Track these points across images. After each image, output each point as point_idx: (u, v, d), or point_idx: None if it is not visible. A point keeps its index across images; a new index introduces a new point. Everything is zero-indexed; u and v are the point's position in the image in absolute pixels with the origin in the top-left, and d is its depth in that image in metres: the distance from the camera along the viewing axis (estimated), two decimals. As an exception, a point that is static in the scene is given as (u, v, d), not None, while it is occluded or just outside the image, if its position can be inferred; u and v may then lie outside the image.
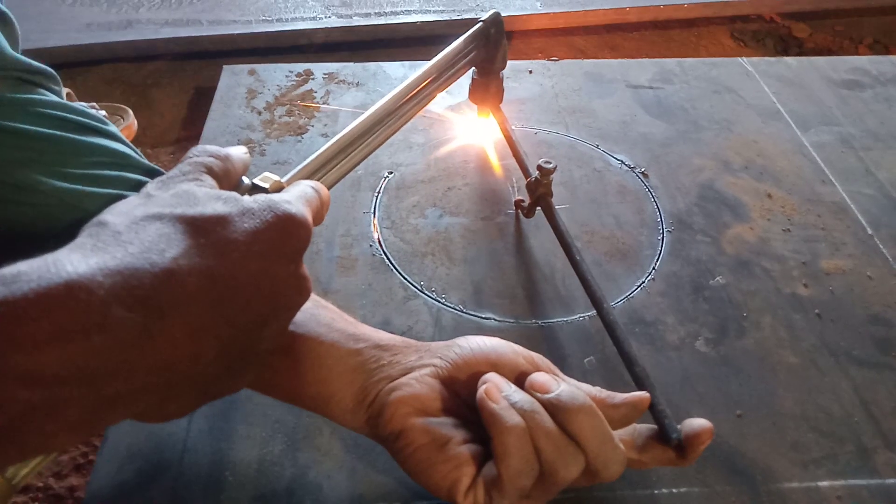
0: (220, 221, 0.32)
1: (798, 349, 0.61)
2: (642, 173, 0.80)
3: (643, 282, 0.67)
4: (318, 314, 0.47)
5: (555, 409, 0.40)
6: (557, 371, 0.46)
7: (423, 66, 0.60)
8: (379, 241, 0.70)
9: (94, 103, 0.94)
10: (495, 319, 0.63)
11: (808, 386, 0.58)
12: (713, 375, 0.59)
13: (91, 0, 1.20)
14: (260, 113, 0.87)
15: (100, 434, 0.41)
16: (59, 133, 0.45)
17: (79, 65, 1.09)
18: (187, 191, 0.33)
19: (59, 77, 0.50)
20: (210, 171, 0.38)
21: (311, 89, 0.92)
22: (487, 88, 0.74)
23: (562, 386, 0.41)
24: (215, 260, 0.31)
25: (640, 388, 0.48)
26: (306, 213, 0.36)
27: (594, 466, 0.41)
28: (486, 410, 0.40)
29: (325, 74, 0.95)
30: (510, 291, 0.65)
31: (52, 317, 0.26)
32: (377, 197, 0.76)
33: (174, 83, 1.08)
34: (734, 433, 0.55)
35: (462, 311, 0.63)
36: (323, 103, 0.90)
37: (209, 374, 0.32)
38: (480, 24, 0.67)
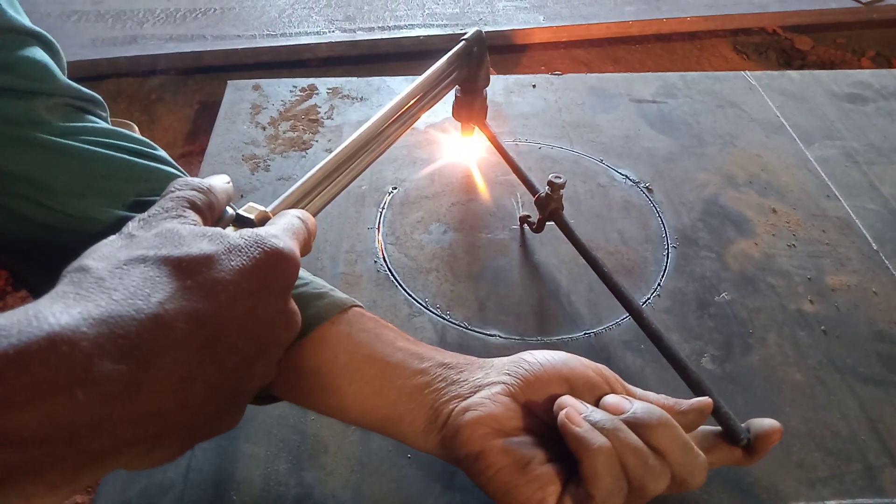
0: (206, 261, 0.31)
1: (804, 366, 0.61)
2: (647, 188, 0.80)
3: (648, 298, 0.67)
4: (382, 334, 0.46)
5: (634, 426, 0.40)
6: (624, 383, 0.46)
7: (407, 88, 0.60)
8: (383, 257, 0.70)
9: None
10: (500, 336, 0.63)
11: (813, 404, 0.58)
12: (719, 393, 0.58)
13: (96, 16, 1.20)
14: (264, 128, 0.88)
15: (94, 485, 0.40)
16: (115, 156, 0.45)
17: (83, 80, 1.09)
18: (171, 230, 0.32)
19: (105, 103, 0.50)
20: (193, 206, 0.37)
21: (316, 104, 0.92)
22: (472, 106, 0.74)
23: (635, 403, 0.42)
24: (203, 302, 0.30)
25: (698, 394, 0.49)
26: (294, 246, 0.35)
27: (680, 476, 0.41)
28: (570, 435, 0.39)
29: (329, 89, 0.95)
30: (515, 308, 0.65)
31: (34, 374, 0.24)
32: (381, 212, 0.76)
33: (178, 98, 1.08)
34: (740, 452, 0.54)
35: (467, 328, 0.63)
36: (327, 118, 0.90)
37: (197, 419, 0.31)
38: (463, 42, 0.67)
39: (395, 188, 0.79)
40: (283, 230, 0.37)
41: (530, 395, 0.43)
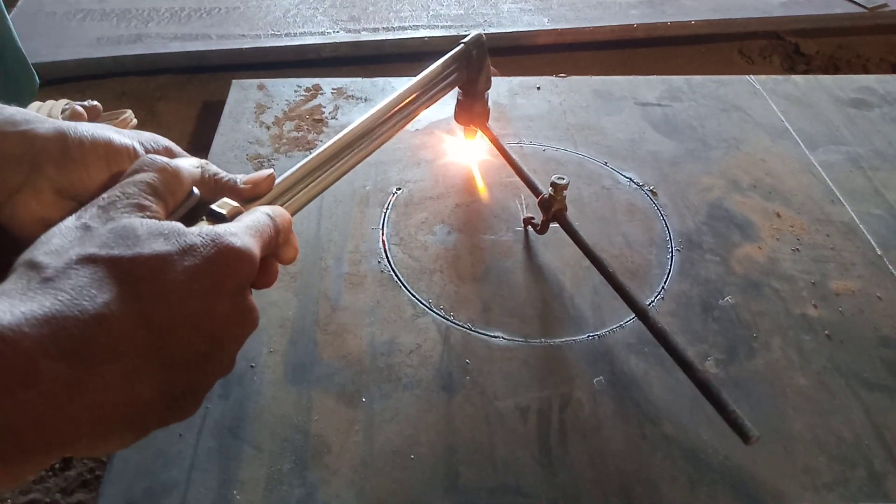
0: (157, 262, 0.30)
1: (808, 371, 0.61)
2: (651, 191, 0.80)
3: (652, 301, 0.67)
4: None
5: None
6: None
7: (401, 89, 0.59)
8: (387, 258, 0.70)
9: (95, 102, 0.95)
10: (504, 338, 0.63)
11: (818, 409, 0.58)
12: (723, 397, 0.58)
13: (101, 14, 1.20)
14: (269, 128, 0.88)
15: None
16: None
17: (88, 78, 1.09)
18: (126, 227, 0.32)
19: None
20: (154, 192, 0.36)
21: (320, 104, 0.92)
22: (472, 109, 0.73)
23: None
24: (150, 303, 0.30)
25: (706, 393, 0.50)
26: (251, 244, 0.35)
27: None
28: None
29: (333, 89, 0.95)
30: (519, 310, 0.65)
31: None
32: (386, 213, 0.76)
33: (182, 97, 1.08)
34: (745, 457, 0.54)
35: (471, 330, 0.63)
36: (331, 118, 0.90)
37: (148, 413, 0.31)
38: (461, 45, 0.66)
39: (400, 189, 0.79)
40: (244, 227, 0.36)
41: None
